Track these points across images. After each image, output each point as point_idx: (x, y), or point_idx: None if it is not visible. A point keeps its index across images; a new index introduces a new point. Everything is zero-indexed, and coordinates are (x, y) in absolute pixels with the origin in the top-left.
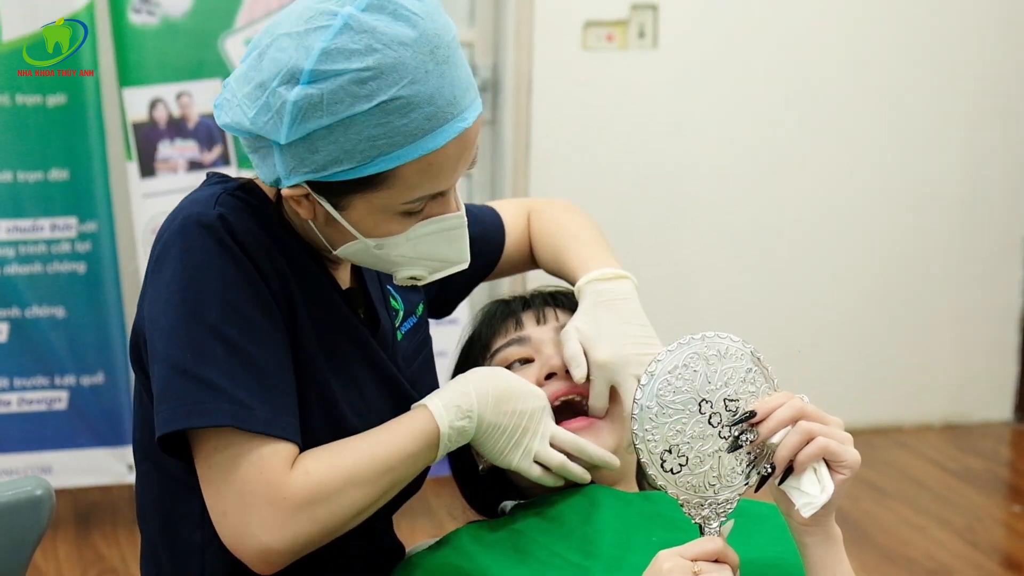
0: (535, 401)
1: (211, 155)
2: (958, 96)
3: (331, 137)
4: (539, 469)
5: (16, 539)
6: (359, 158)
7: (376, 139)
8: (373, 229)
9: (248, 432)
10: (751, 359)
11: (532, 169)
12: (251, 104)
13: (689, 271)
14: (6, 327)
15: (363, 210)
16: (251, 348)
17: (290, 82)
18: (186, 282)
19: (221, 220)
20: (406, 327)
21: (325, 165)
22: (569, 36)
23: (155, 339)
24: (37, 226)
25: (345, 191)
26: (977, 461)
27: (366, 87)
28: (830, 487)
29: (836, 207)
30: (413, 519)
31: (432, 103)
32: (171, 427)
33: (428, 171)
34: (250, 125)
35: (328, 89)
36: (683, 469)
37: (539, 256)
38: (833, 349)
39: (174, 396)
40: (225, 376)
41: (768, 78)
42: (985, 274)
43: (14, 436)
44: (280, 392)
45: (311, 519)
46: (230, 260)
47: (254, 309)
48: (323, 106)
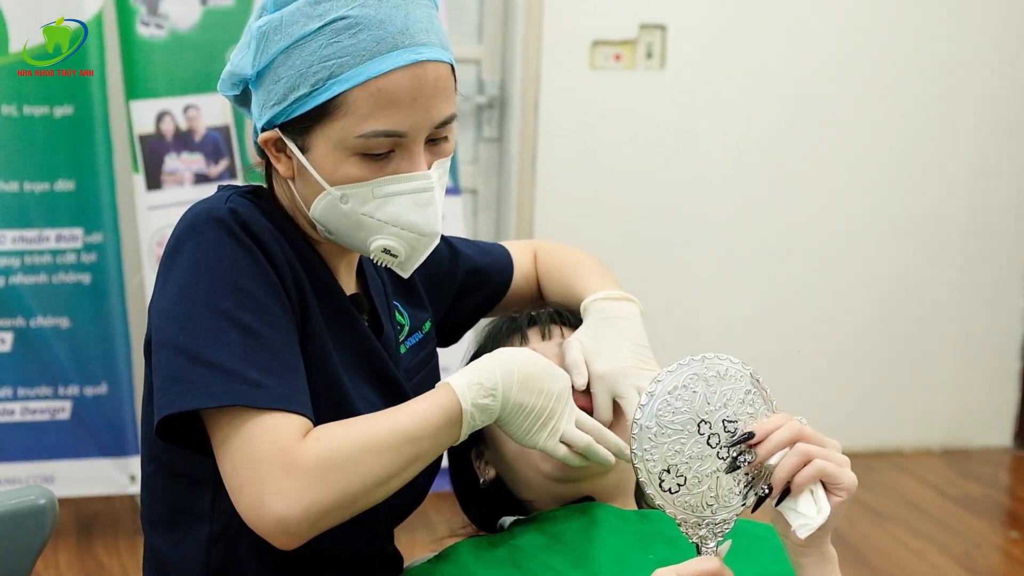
0: (560, 382)
1: (217, 168)
2: (964, 123)
3: (289, 62)
4: (565, 449)
5: (19, 548)
6: (312, 80)
7: (326, 60)
8: (334, 172)
9: (261, 408)
10: (750, 381)
11: (538, 187)
12: (237, 53)
13: (692, 290)
14: (10, 337)
15: (323, 148)
16: (266, 330)
17: (261, 15)
18: (198, 272)
19: (232, 213)
20: (411, 342)
21: (286, 93)
22: (577, 55)
23: (164, 328)
24: (43, 236)
25: (308, 126)
26: (976, 487)
27: (319, 7)
28: (826, 509)
29: (840, 230)
30: (412, 533)
31: (381, 27)
32: (180, 407)
33: (379, 99)
34: (232, 68)
35: (287, 12)
36: (681, 489)
37: (547, 289)
38: (835, 372)
39: (184, 379)
40: (237, 358)
41: (774, 100)
42: (987, 301)
43: (17, 445)
44: (293, 371)
45: (326, 485)
46: (242, 249)
47: (267, 295)
48: (282, 28)
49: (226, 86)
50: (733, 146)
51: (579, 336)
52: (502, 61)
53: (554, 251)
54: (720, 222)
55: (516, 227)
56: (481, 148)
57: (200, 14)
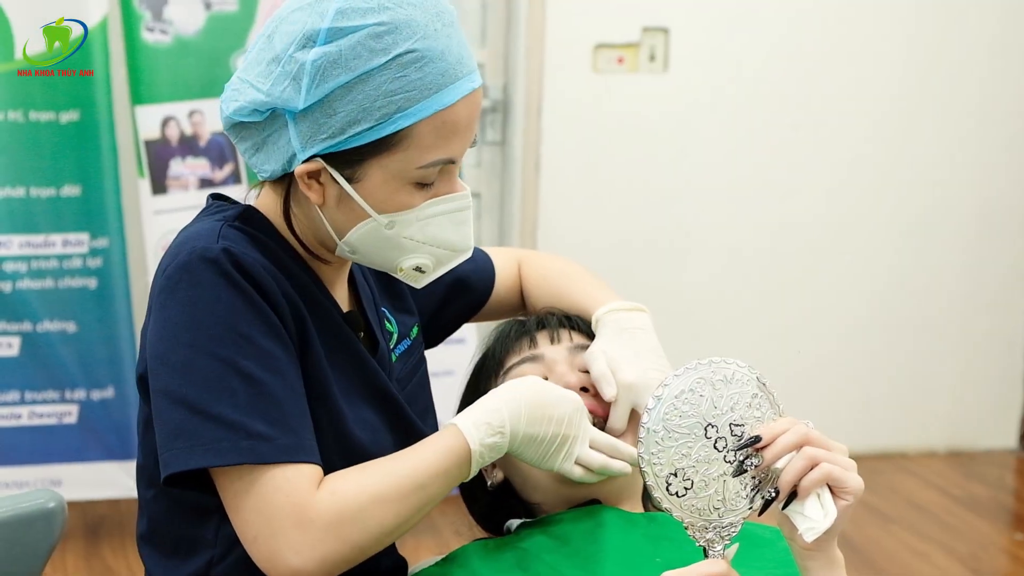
0: (569, 405)
1: (222, 173)
2: (967, 124)
3: (349, 96)
4: (580, 470)
5: (28, 551)
6: (377, 115)
7: (393, 94)
8: (386, 201)
9: (269, 463)
10: (757, 385)
11: (541, 190)
12: (266, 79)
13: (696, 293)
14: (17, 341)
15: (378, 179)
16: (267, 377)
17: (307, 45)
18: (195, 318)
19: (226, 253)
20: (400, 349)
21: (343, 127)
22: (580, 58)
23: (163, 375)
24: (49, 241)
25: (361, 158)
26: (981, 488)
27: (382, 41)
28: (833, 512)
29: (844, 232)
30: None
31: (443, 59)
32: (187, 465)
33: (442, 130)
34: (266, 97)
35: (346, 45)
36: (688, 492)
37: (535, 298)
38: (839, 375)
39: (190, 435)
40: (242, 410)
41: (778, 102)
42: (992, 302)
43: (24, 449)
44: (298, 416)
45: (339, 539)
46: (237, 291)
47: (265, 337)
48: (341, 62)
49: (244, 112)
50: (736, 148)
51: (601, 347)
52: (505, 64)
53: (541, 261)
54: (723, 224)
55: (520, 230)
56: (484, 151)
57: (204, 19)
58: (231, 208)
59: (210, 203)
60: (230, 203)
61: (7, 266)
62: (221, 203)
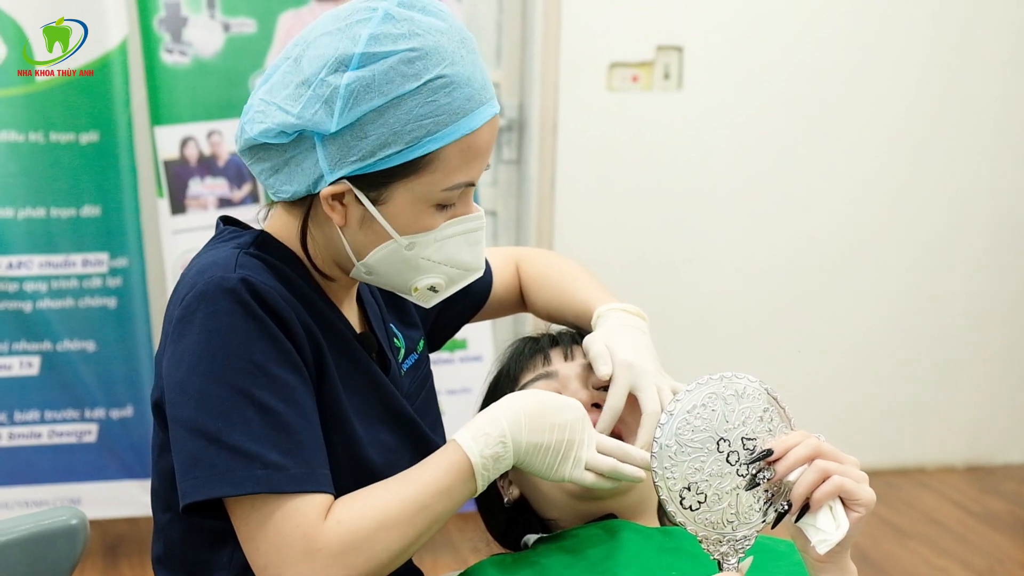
0: (571, 412)
1: (241, 192)
2: (983, 135)
3: (381, 119)
4: (592, 476)
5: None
6: (407, 139)
7: (423, 118)
8: (410, 223)
9: (282, 493)
10: (768, 399)
11: (557, 208)
12: (295, 102)
13: (711, 308)
14: (38, 360)
15: (403, 201)
16: (282, 407)
17: (339, 69)
18: (212, 347)
19: (244, 283)
20: (408, 364)
21: (373, 150)
22: (594, 77)
23: (180, 404)
24: (69, 261)
25: (388, 180)
26: (999, 503)
27: (414, 66)
28: (845, 524)
29: (859, 246)
30: (436, 553)
31: (470, 84)
32: (204, 495)
33: (467, 153)
34: (296, 120)
35: (380, 70)
36: (702, 506)
37: (535, 298)
38: (856, 389)
39: (207, 464)
40: (257, 440)
41: (791, 119)
42: (1009, 316)
43: (44, 468)
44: (311, 446)
45: (347, 567)
46: (253, 321)
47: (281, 367)
48: (375, 87)
49: (271, 134)
50: (750, 165)
51: (600, 335)
52: (520, 83)
53: (542, 259)
54: (738, 240)
55: (535, 247)
56: (500, 170)
57: (223, 41)
58: (244, 234)
59: (221, 228)
60: (241, 227)
61: (28, 286)
62: (233, 228)
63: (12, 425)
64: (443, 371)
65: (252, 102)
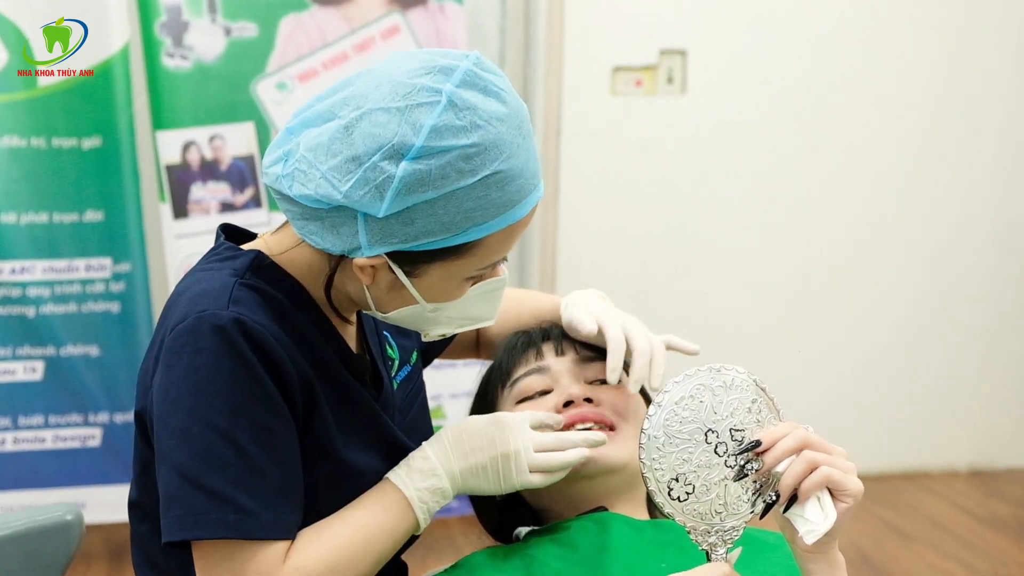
0: (496, 425)
1: (243, 197)
2: (988, 142)
3: (431, 210)
4: (539, 476)
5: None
6: (454, 229)
7: (472, 211)
8: (441, 295)
9: (249, 538)
10: (756, 390)
11: (560, 212)
12: (343, 177)
13: (715, 314)
14: (41, 365)
15: (437, 277)
16: (259, 452)
17: (394, 157)
18: (197, 385)
19: (235, 322)
20: (401, 376)
21: (417, 236)
22: (598, 81)
23: (163, 438)
24: (72, 266)
25: (427, 260)
26: (1003, 507)
27: (471, 163)
28: (833, 515)
29: (864, 250)
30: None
31: (522, 176)
32: (178, 536)
33: (508, 238)
34: (343, 198)
35: (436, 165)
36: (690, 497)
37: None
38: (861, 394)
39: (183, 504)
40: (231, 483)
41: (796, 124)
42: (1014, 322)
43: (49, 472)
44: (285, 492)
45: None
46: (239, 362)
47: (263, 411)
48: (430, 181)
49: (311, 200)
50: (755, 170)
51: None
52: (524, 88)
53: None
54: (743, 246)
55: (540, 254)
56: None
57: (224, 45)
58: (241, 254)
59: (219, 243)
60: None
61: (31, 291)
62: (230, 245)
63: (17, 430)
64: (445, 375)
65: (291, 148)
